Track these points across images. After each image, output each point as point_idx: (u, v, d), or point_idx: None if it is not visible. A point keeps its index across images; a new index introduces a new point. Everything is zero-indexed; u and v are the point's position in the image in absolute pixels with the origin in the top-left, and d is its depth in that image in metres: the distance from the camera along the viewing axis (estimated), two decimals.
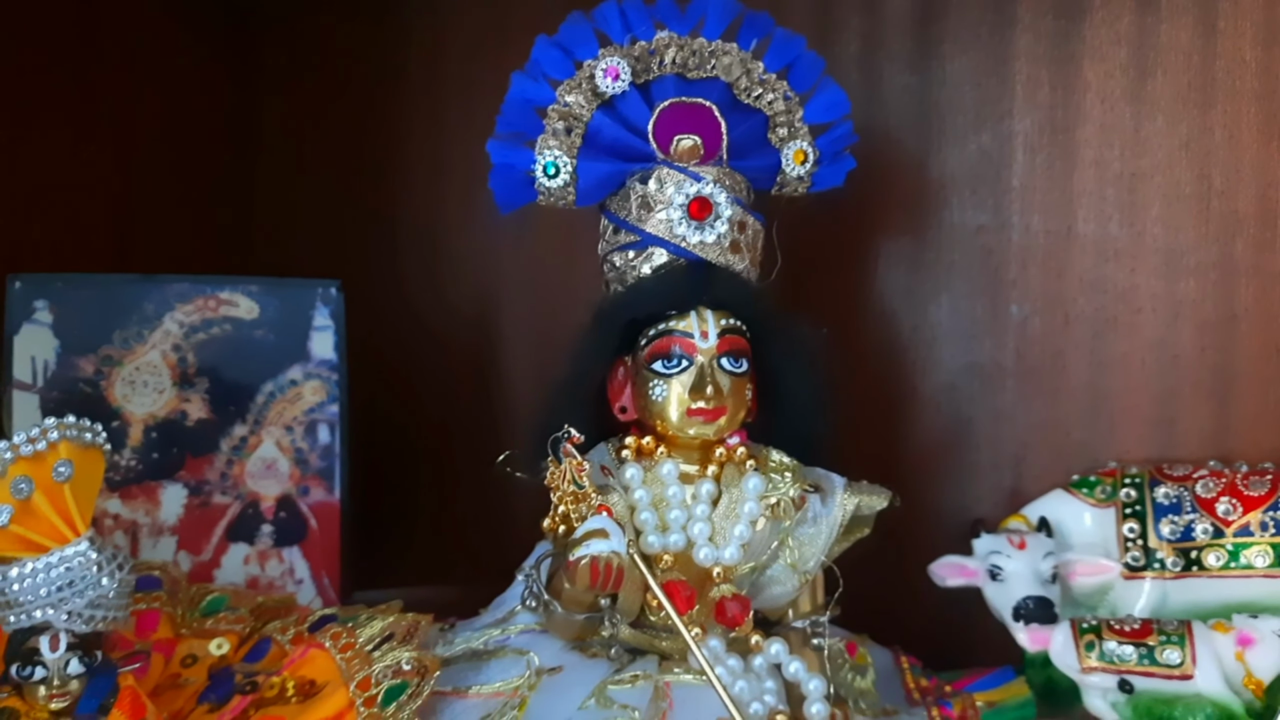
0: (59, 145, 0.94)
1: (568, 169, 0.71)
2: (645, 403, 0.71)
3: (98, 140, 0.97)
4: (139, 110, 1.01)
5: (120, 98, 0.98)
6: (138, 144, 1.00)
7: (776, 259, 0.76)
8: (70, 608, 0.56)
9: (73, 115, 0.95)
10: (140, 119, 1.01)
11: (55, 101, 0.94)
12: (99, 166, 0.97)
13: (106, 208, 0.97)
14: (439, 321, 1.06)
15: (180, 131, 1.04)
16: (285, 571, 0.86)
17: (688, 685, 0.66)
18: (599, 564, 0.61)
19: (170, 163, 1.03)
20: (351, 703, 0.64)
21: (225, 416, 0.85)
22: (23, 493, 0.57)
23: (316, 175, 1.07)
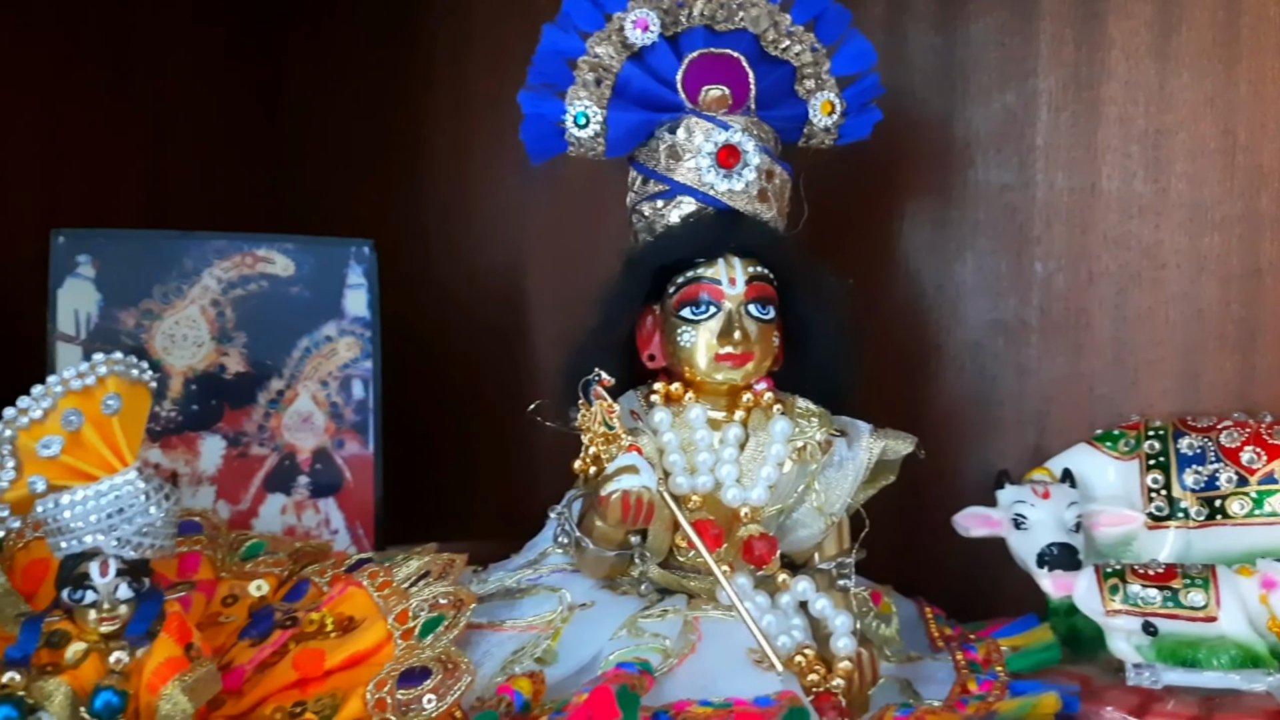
0: (95, 107, 0.96)
1: (598, 119, 0.73)
2: (673, 349, 0.72)
3: (132, 102, 0.99)
4: (171, 74, 1.03)
5: (153, 62, 1.01)
6: (169, 107, 1.03)
7: (803, 210, 0.77)
8: (119, 534, 0.58)
9: (108, 80, 0.97)
10: (172, 83, 1.03)
11: (91, 66, 0.96)
12: (132, 128, 0.99)
13: (140, 167, 0.99)
14: (465, 281, 1.08)
15: (211, 96, 1.06)
16: (321, 521, 0.88)
17: (716, 620, 0.67)
18: (630, 498, 0.63)
19: (201, 124, 1.05)
20: (390, 635, 0.65)
21: (262, 370, 0.87)
22: (73, 425, 0.59)
23: (345, 138, 1.09)
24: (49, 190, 0.91)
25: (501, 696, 0.58)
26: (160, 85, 1.02)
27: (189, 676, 0.58)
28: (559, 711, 0.56)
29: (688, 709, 0.57)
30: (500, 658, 0.65)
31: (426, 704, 0.60)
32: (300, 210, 1.08)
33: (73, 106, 0.95)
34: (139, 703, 0.57)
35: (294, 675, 0.64)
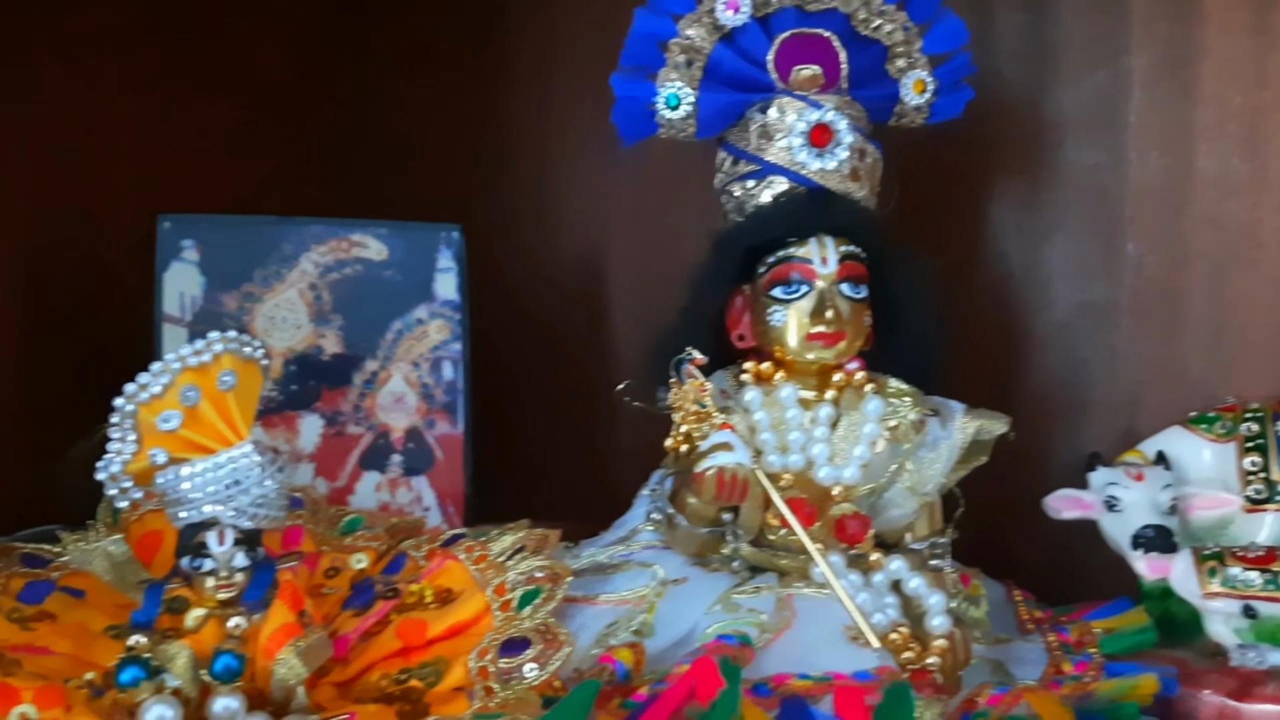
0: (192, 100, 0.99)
1: (689, 100, 0.73)
2: (764, 328, 0.73)
3: (226, 94, 1.02)
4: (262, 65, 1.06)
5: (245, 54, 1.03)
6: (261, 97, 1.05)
7: (894, 189, 0.77)
8: (236, 505, 0.60)
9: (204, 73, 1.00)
10: (263, 74, 1.06)
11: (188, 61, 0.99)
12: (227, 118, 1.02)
13: (234, 156, 1.02)
14: (548, 265, 1.09)
15: (301, 85, 1.09)
16: (414, 499, 0.90)
17: (810, 598, 0.67)
18: (725, 475, 0.64)
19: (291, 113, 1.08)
20: (488, 606, 0.67)
21: (357, 352, 0.90)
22: (190, 400, 0.62)
23: (431, 124, 1.11)
24: (152, 179, 0.94)
25: (604, 666, 0.59)
26: (252, 76, 1.05)
27: (302, 642, 0.60)
28: (660, 681, 0.57)
29: (787, 681, 0.58)
30: (596, 630, 0.66)
31: (528, 673, 0.61)
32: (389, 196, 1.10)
33: (172, 100, 0.98)
34: (255, 666, 0.59)
35: (397, 644, 0.66)
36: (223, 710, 0.57)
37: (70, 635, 0.63)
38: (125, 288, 0.89)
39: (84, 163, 0.92)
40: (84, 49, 0.92)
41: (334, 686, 0.64)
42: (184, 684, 0.57)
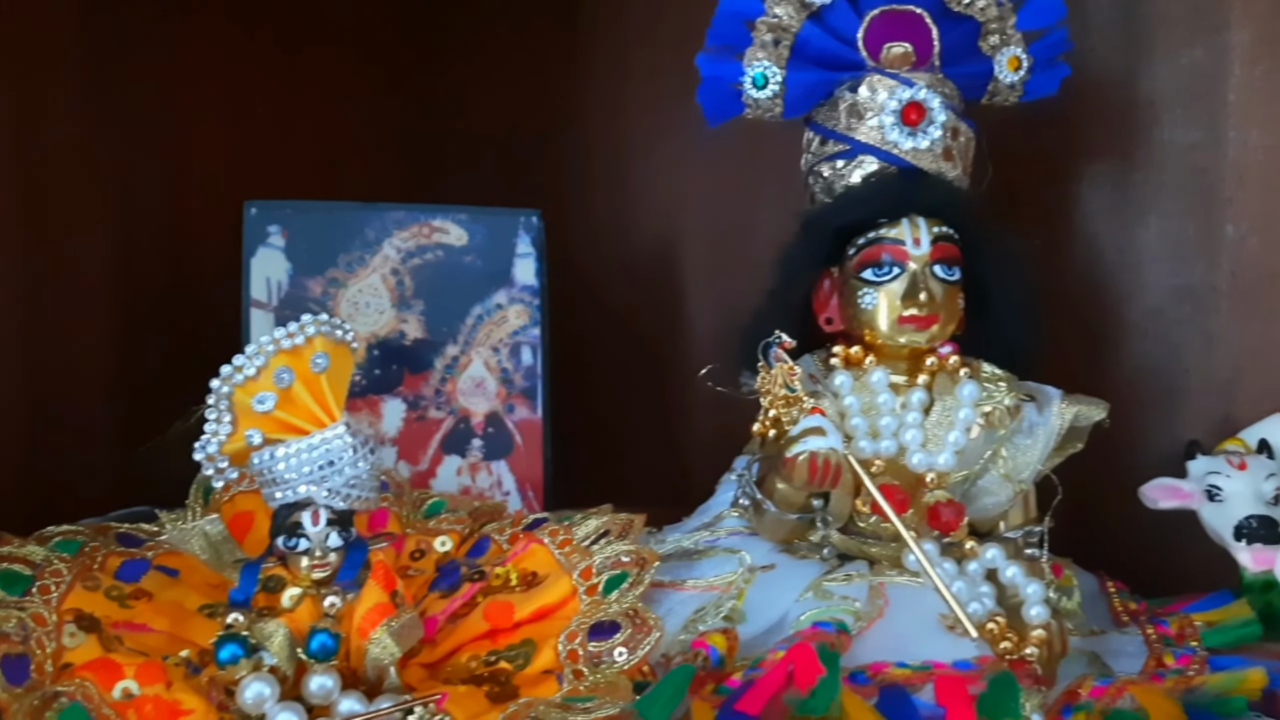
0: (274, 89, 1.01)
1: (776, 80, 0.72)
2: (854, 311, 0.71)
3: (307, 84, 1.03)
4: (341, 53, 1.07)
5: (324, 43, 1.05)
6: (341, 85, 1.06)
7: (987, 169, 0.75)
8: (330, 485, 0.61)
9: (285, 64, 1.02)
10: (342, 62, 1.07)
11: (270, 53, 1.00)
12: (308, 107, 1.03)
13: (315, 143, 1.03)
14: (622, 251, 1.08)
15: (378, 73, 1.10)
16: (493, 483, 0.90)
17: (902, 586, 0.66)
18: (817, 460, 0.63)
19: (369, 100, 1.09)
20: (574, 590, 0.67)
21: (439, 337, 0.90)
22: (284, 381, 0.62)
23: (506, 110, 1.11)
24: (243, 165, 0.95)
25: (697, 651, 0.58)
26: (333, 64, 1.06)
27: (395, 622, 0.60)
28: (754, 667, 0.56)
29: (885, 670, 0.57)
30: (683, 616, 0.66)
31: (618, 657, 0.61)
32: (467, 181, 1.11)
33: (255, 90, 0.99)
34: (349, 646, 0.60)
35: (485, 626, 0.66)
36: (318, 689, 0.57)
37: (166, 613, 0.64)
38: (212, 273, 0.90)
39: (171, 151, 0.94)
40: (171, 41, 0.94)
41: (423, 667, 0.64)
42: (281, 662, 0.58)
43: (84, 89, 0.89)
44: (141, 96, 0.92)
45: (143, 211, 0.92)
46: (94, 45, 0.89)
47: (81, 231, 0.89)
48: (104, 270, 0.90)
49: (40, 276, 0.87)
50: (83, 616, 0.59)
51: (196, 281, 0.93)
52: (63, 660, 0.57)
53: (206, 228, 0.93)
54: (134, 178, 0.91)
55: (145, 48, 0.91)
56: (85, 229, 0.89)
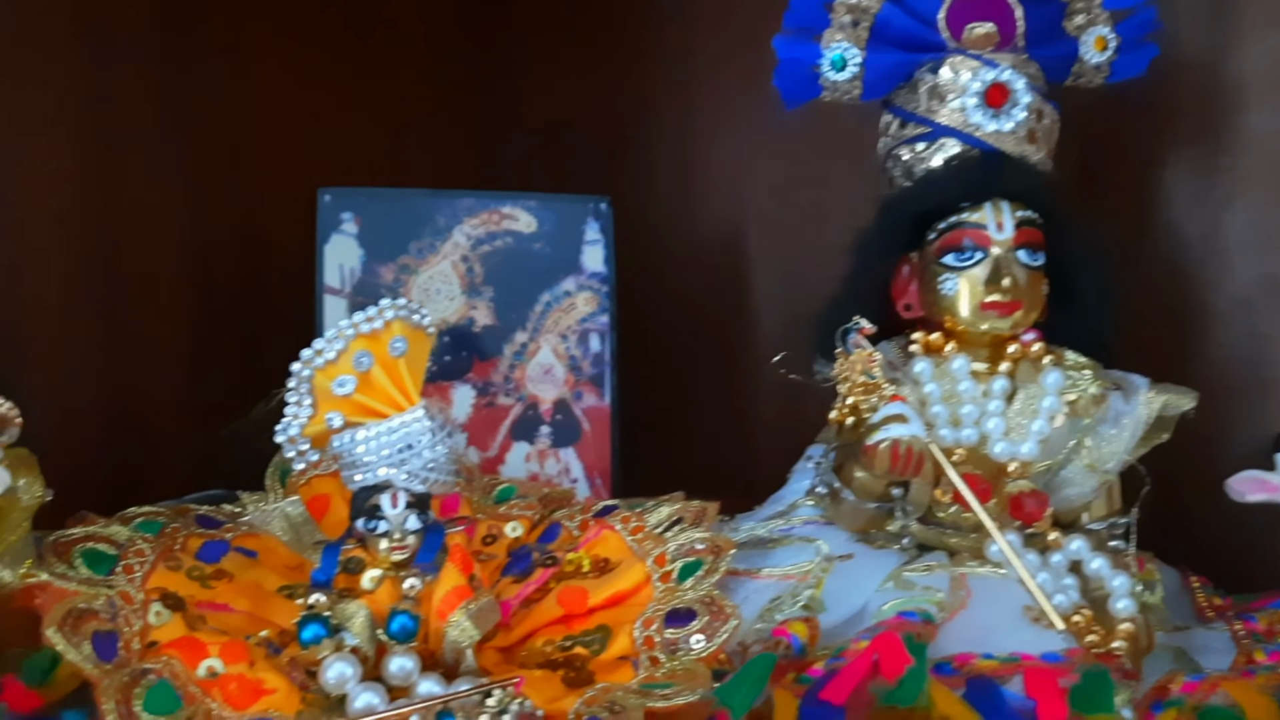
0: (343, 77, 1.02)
1: (855, 62, 0.71)
2: (934, 298, 0.70)
3: (374, 71, 1.04)
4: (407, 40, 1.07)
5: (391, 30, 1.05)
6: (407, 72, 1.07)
7: (1071, 152, 0.73)
8: (409, 468, 0.61)
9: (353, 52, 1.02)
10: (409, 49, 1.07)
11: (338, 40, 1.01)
12: (375, 94, 1.04)
13: (381, 130, 1.04)
14: (688, 239, 1.08)
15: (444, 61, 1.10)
16: (562, 470, 0.90)
17: (984, 577, 0.65)
18: (900, 447, 0.62)
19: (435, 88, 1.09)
20: (648, 577, 0.66)
21: (508, 323, 0.90)
22: (363, 365, 0.62)
23: (572, 96, 1.11)
24: (315, 152, 0.96)
25: (779, 639, 0.58)
26: (399, 52, 1.06)
27: (473, 605, 0.60)
28: (836, 657, 0.56)
29: (971, 661, 0.55)
30: (759, 605, 0.65)
31: (695, 644, 0.60)
32: (534, 169, 1.11)
33: (323, 79, 1.00)
34: (428, 628, 0.60)
35: (559, 611, 0.66)
36: (399, 670, 0.58)
37: (246, 594, 0.64)
38: (285, 260, 0.91)
39: (242, 138, 0.95)
40: (240, 28, 0.95)
41: (497, 651, 0.64)
42: (362, 643, 0.58)
43: (156, 76, 0.90)
44: (213, 83, 0.93)
45: (217, 199, 0.94)
46: (165, 32, 0.90)
47: (156, 219, 0.90)
48: (179, 257, 0.91)
49: (116, 265, 0.88)
50: (168, 595, 0.60)
51: (270, 268, 0.94)
52: (149, 638, 0.58)
53: (278, 214, 0.94)
54: (207, 164, 0.93)
55: (215, 35, 0.93)
56: (160, 217, 0.91)
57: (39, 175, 0.83)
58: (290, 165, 0.96)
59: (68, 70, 0.83)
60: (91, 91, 0.85)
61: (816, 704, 0.51)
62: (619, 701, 0.56)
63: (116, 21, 0.87)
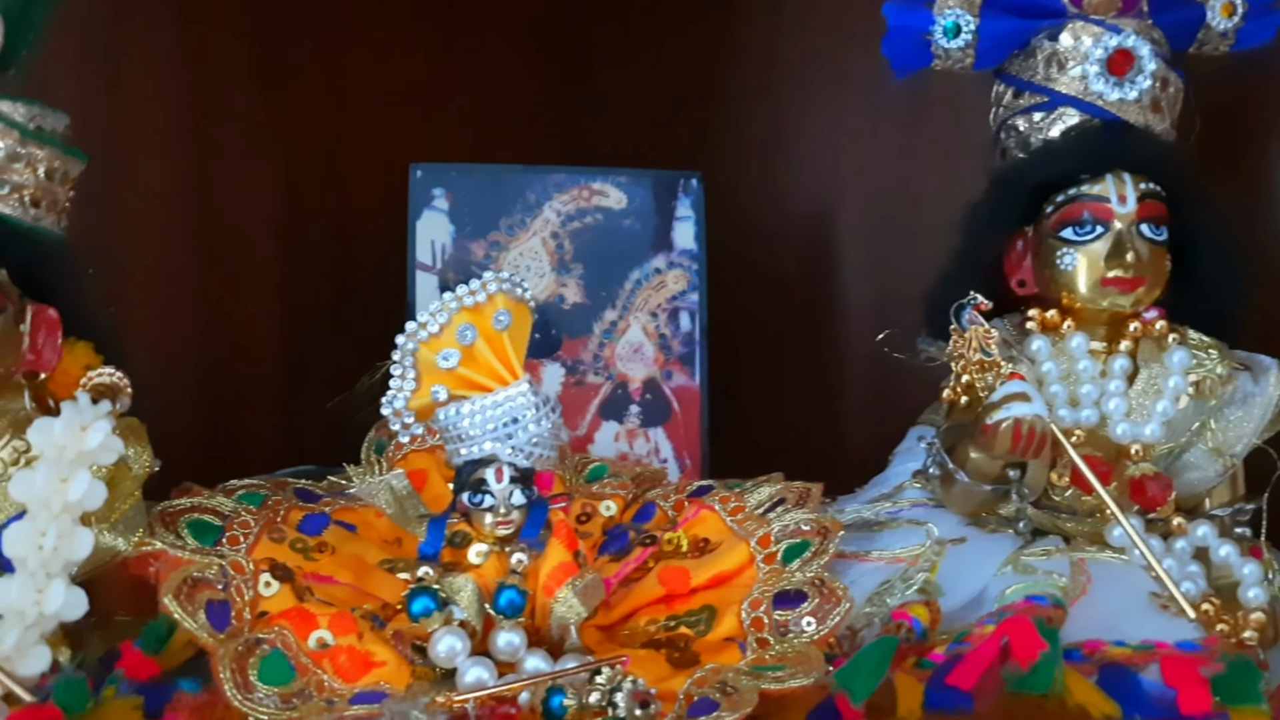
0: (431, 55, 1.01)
1: (969, 28, 0.69)
2: (1051, 273, 0.68)
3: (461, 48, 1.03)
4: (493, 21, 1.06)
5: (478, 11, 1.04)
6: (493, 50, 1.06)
7: (1194, 122, 0.70)
8: (514, 443, 0.60)
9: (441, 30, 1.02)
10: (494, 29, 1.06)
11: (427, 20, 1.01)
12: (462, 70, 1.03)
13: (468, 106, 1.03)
14: (775, 216, 1.06)
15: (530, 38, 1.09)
16: (651, 450, 0.89)
17: (1105, 563, 0.63)
18: (1021, 427, 0.59)
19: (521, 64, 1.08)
20: (752, 558, 0.65)
21: (597, 301, 0.89)
22: (467, 339, 0.61)
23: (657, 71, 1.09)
24: (407, 128, 0.96)
25: (900, 623, 0.56)
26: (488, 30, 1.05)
27: (579, 582, 0.59)
28: (958, 641, 0.54)
29: (1102, 648, 0.53)
30: (867, 588, 0.63)
31: (806, 626, 0.59)
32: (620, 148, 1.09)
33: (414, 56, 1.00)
34: (534, 603, 0.59)
35: (660, 591, 0.64)
36: (506, 645, 0.57)
37: (349, 566, 0.64)
38: (376, 236, 0.91)
39: (334, 114, 0.95)
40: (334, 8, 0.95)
41: (598, 629, 0.63)
42: (470, 616, 0.57)
43: (252, 56, 0.90)
44: (307, 60, 0.93)
45: (310, 175, 0.94)
46: (261, 12, 0.90)
47: (252, 195, 0.91)
48: (273, 232, 0.92)
49: (213, 240, 0.89)
50: (277, 566, 0.60)
51: (361, 244, 0.94)
52: (259, 608, 0.58)
53: (370, 190, 0.93)
54: (301, 141, 0.93)
55: (310, 14, 0.93)
56: (255, 193, 0.91)
57: (139, 154, 0.84)
58: (382, 141, 0.96)
59: (167, 51, 0.84)
60: (190, 71, 0.86)
61: (943, 689, 0.49)
62: (731, 683, 0.55)
63: (214, 3, 0.87)
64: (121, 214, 0.83)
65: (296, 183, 0.93)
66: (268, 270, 0.92)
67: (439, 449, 0.72)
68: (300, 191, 0.94)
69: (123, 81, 0.83)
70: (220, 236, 0.89)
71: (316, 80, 0.94)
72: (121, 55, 0.83)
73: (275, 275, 0.92)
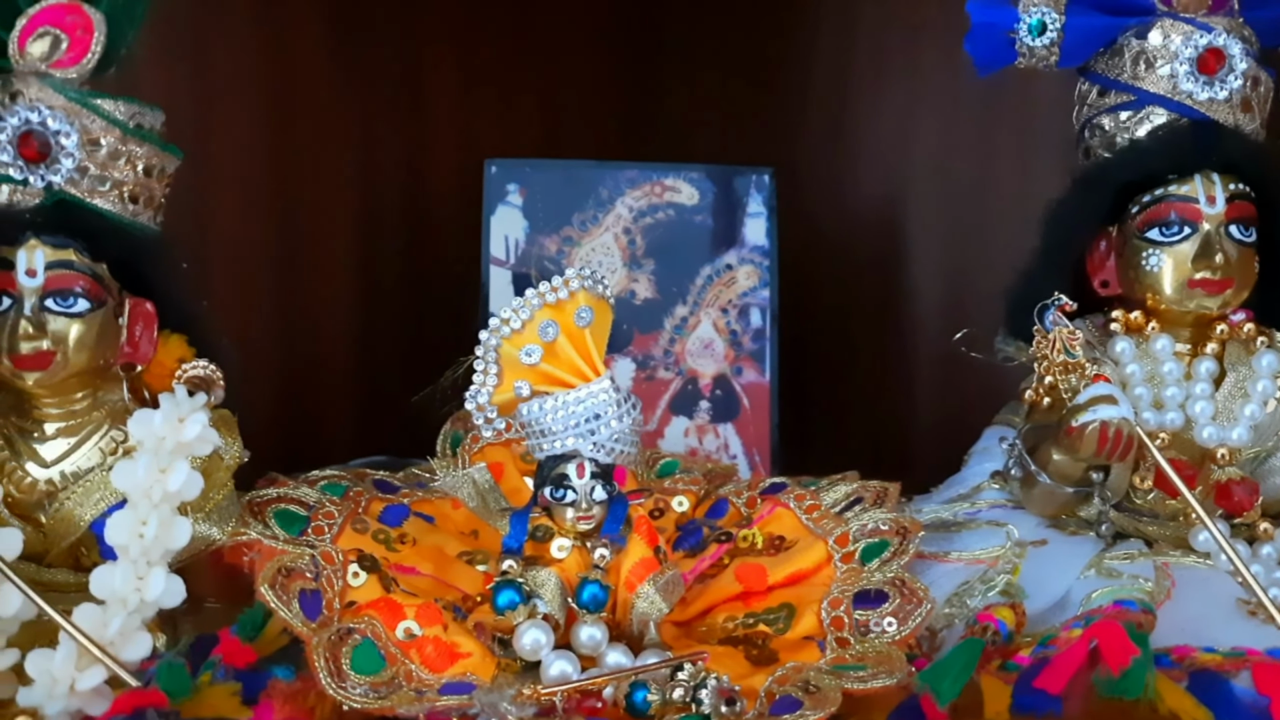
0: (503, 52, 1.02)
1: (1055, 26, 0.68)
2: (1136, 274, 0.67)
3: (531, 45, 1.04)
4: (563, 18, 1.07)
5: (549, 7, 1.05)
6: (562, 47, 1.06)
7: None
8: (596, 439, 0.60)
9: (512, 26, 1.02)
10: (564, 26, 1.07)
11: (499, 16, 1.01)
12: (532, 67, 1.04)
13: (538, 103, 1.04)
14: (842, 213, 1.05)
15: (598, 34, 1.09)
16: (720, 446, 0.89)
17: (1189, 567, 0.62)
18: (1108, 429, 0.59)
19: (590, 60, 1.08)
20: (829, 557, 0.65)
21: (668, 297, 0.89)
22: (549, 335, 0.62)
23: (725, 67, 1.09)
24: (481, 123, 0.96)
25: (986, 625, 0.56)
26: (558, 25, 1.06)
27: (661, 578, 0.60)
28: (1044, 645, 0.54)
29: (1192, 654, 0.53)
30: (946, 589, 0.63)
31: (887, 627, 0.59)
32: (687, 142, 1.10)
33: (490, 53, 1.01)
34: (615, 598, 0.60)
35: (737, 588, 0.65)
36: (589, 639, 0.58)
37: (430, 558, 0.65)
38: (451, 231, 0.92)
39: (410, 109, 0.96)
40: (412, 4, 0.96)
41: (675, 625, 0.63)
42: (553, 610, 0.58)
43: (332, 50, 0.92)
44: (384, 56, 0.94)
45: (386, 169, 0.95)
46: (341, 7, 0.92)
47: (330, 190, 0.92)
48: (351, 227, 0.93)
49: (292, 235, 0.90)
50: (364, 557, 0.61)
51: (436, 238, 0.96)
52: (347, 598, 0.59)
53: (445, 186, 0.95)
54: (377, 136, 0.94)
55: (388, 10, 0.94)
56: (332, 186, 0.93)
57: (222, 148, 0.86)
58: (458, 137, 0.97)
59: (251, 42, 0.86)
60: (272, 63, 0.87)
61: (1031, 692, 0.49)
62: (814, 681, 0.55)
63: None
64: (204, 208, 0.85)
65: (374, 178, 0.95)
66: (345, 263, 0.94)
67: (514, 443, 0.73)
68: (378, 186, 0.95)
69: (207, 76, 0.85)
70: (299, 231, 0.91)
71: (394, 76, 0.95)
72: (206, 51, 0.84)
73: (352, 269, 0.94)
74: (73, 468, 0.62)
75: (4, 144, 0.60)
